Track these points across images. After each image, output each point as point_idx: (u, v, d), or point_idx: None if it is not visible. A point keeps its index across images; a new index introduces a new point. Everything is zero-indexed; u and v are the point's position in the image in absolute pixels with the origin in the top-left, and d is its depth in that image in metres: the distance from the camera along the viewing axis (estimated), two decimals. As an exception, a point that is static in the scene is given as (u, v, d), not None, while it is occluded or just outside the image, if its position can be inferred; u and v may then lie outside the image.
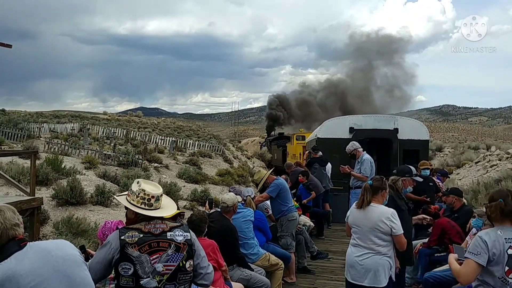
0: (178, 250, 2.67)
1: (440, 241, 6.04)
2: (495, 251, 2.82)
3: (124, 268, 2.56)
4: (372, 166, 7.89)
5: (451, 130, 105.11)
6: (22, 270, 1.81)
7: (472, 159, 21.38)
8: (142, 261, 2.57)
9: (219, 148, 24.62)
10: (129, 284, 2.57)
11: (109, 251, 2.58)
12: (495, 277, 2.85)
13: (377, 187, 3.96)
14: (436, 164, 24.19)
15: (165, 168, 16.70)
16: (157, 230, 2.65)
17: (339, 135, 11.02)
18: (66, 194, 9.44)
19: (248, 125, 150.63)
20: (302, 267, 6.95)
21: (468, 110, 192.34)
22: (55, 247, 2.02)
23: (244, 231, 5.20)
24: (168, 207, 2.85)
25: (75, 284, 1.97)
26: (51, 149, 15.31)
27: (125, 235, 2.59)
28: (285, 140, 31.37)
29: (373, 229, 3.82)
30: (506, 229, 2.89)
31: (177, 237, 2.69)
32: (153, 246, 2.61)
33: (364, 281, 3.83)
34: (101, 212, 9.85)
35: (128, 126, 33.20)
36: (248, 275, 4.77)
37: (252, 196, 6.06)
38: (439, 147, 29.82)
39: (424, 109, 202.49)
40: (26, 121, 23.16)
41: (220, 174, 18.04)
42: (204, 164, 19.95)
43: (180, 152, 21.86)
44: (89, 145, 18.30)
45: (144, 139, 23.76)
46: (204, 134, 34.25)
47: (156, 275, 2.59)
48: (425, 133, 11.14)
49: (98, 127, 27.80)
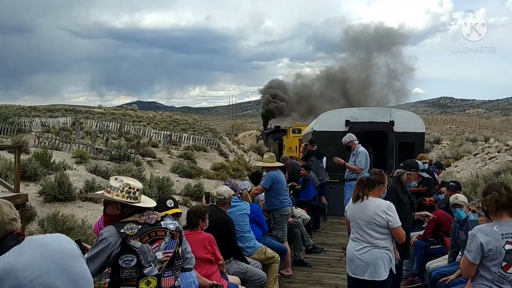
0: (173, 237, 2.82)
1: (436, 233, 6.04)
2: (491, 248, 2.84)
3: (126, 261, 2.62)
4: (367, 158, 7.83)
5: (448, 122, 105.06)
6: (21, 264, 1.81)
7: (470, 151, 21.13)
8: (145, 251, 2.65)
9: (214, 142, 24.29)
10: (132, 275, 2.64)
11: (107, 246, 2.60)
12: (492, 272, 2.89)
13: (373, 181, 3.93)
14: (434, 156, 24.00)
15: (158, 162, 16.39)
16: (152, 220, 2.76)
17: (335, 128, 10.96)
18: (53, 190, 9.11)
19: (245, 119, 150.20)
20: (298, 260, 6.96)
21: (466, 102, 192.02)
22: (53, 241, 2.03)
23: (240, 225, 5.19)
24: (148, 200, 2.92)
25: (74, 278, 1.97)
26: (41, 143, 14.99)
27: (123, 228, 2.65)
28: (281, 133, 31.30)
29: (369, 222, 3.81)
30: (502, 224, 2.90)
31: (169, 225, 2.83)
32: (152, 235, 2.71)
33: (364, 275, 3.83)
34: (90, 208, 9.54)
35: (123, 120, 32.80)
36: (244, 268, 4.77)
37: (248, 189, 6.04)
38: (437, 139, 29.42)
39: (422, 101, 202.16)
40: (17, 115, 22.77)
41: (215, 168, 17.75)
42: (199, 158, 19.66)
43: (174, 146, 21.52)
44: (81, 139, 17.99)
45: (138, 133, 23.41)
46: (200, 128, 33.88)
47: (157, 263, 2.70)
48: (421, 126, 11.14)
49: (92, 121, 27.34)
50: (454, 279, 4.54)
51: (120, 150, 14.84)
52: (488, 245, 2.85)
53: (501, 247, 2.84)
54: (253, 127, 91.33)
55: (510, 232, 2.87)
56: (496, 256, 2.85)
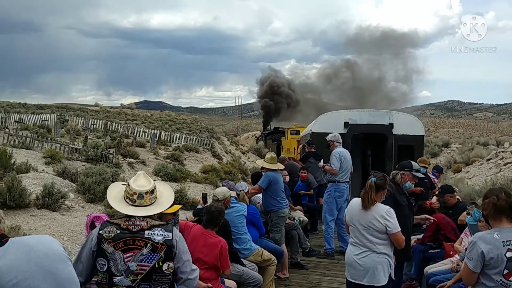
0: (154, 251, 2.57)
1: (435, 237, 5.98)
2: (492, 256, 2.77)
3: (100, 264, 2.56)
4: (343, 159, 7.66)
5: (456, 125, 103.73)
6: (4, 267, 1.72)
7: (482, 156, 19.66)
8: (116, 258, 2.53)
9: (207, 142, 22.83)
10: (103, 280, 2.56)
11: (90, 244, 2.58)
12: (493, 280, 2.82)
13: (379, 186, 3.85)
14: (443, 160, 22.66)
15: (141, 163, 15.05)
16: (135, 228, 2.59)
17: (334, 129, 10.48)
18: (2, 196, 7.81)
19: (252, 119, 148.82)
20: (295, 262, 6.89)
21: (473, 106, 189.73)
22: (38, 242, 1.91)
23: (237, 226, 5.15)
24: (157, 205, 2.76)
25: (60, 280, 1.86)
26: (10, 141, 13.67)
27: (104, 229, 2.59)
28: (280, 135, 31.02)
29: (368, 227, 3.76)
30: (503, 231, 2.84)
31: (155, 236, 2.60)
32: (128, 243, 2.55)
33: (363, 280, 3.78)
34: (45, 217, 8.20)
35: (118, 119, 31.50)
36: (240, 271, 4.72)
37: (245, 190, 6.01)
38: (445, 142, 27.61)
39: (429, 104, 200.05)
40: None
41: (204, 170, 16.40)
42: (189, 160, 18.33)
43: (164, 146, 20.14)
44: (60, 138, 16.68)
45: (127, 132, 22.00)
46: (197, 127, 32.44)
47: (129, 274, 2.54)
48: (420, 129, 11.09)
49: (79, 119, 25.58)
50: (451, 285, 4.46)
51: (97, 150, 13.49)
52: (490, 253, 2.78)
53: (503, 255, 2.77)
54: (258, 127, 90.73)
55: (511, 239, 2.81)
56: (498, 264, 2.78)
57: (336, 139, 7.93)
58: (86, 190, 9.96)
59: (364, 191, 3.82)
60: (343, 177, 7.60)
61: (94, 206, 9.88)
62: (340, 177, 7.57)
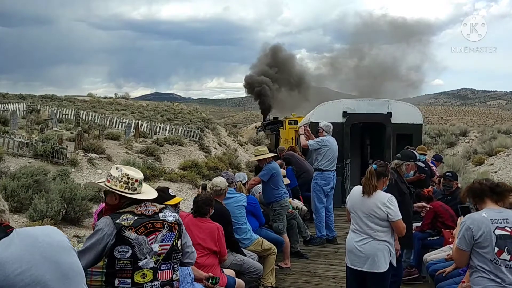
0: (171, 230, 2.76)
1: (433, 225, 6.00)
2: (481, 233, 2.86)
3: (121, 252, 2.59)
4: (324, 144, 7.56)
5: (469, 114, 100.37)
6: (9, 257, 1.70)
7: (507, 146, 17.03)
8: (140, 242, 2.61)
9: (195, 133, 20.46)
10: (127, 266, 2.60)
11: (102, 237, 2.59)
12: (487, 260, 2.89)
13: (380, 173, 3.86)
14: (461, 151, 20.13)
15: (105, 159, 12.78)
16: (149, 212, 2.72)
17: (333, 119, 10.40)
18: None
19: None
20: (295, 251, 6.92)
21: (487, 94, 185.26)
22: (42, 233, 1.90)
23: (237, 216, 5.16)
24: (149, 191, 2.88)
25: (64, 270, 1.85)
26: None
27: (119, 218, 2.63)
28: (278, 125, 30.86)
29: (369, 214, 3.77)
30: (490, 210, 2.95)
31: (168, 217, 2.78)
32: (149, 227, 2.67)
33: (363, 266, 3.79)
34: None
35: (105, 108, 29.27)
36: (240, 260, 4.73)
37: (244, 181, 6.15)
38: (463, 131, 24.44)
39: (442, 92, 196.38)
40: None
41: (183, 167, 14.09)
42: (168, 154, 15.99)
43: (143, 138, 17.78)
44: (18, 130, 14.48)
45: (103, 123, 19.49)
46: (194, 118, 30.12)
47: (153, 256, 2.66)
48: (419, 117, 11.18)
49: (51, 108, 22.68)
50: (451, 271, 4.48)
51: (46, 144, 11.22)
52: (479, 230, 2.88)
53: (491, 231, 2.87)
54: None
55: (499, 218, 2.91)
56: (488, 242, 2.86)
57: (326, 128, 7.83)
58: (9, 197, 7.88)
59: (365, 177, 3.84)
60: (328, 165, 7.59)
61: (17, 218, 7.75)
62: (326, 166, 7.57)
